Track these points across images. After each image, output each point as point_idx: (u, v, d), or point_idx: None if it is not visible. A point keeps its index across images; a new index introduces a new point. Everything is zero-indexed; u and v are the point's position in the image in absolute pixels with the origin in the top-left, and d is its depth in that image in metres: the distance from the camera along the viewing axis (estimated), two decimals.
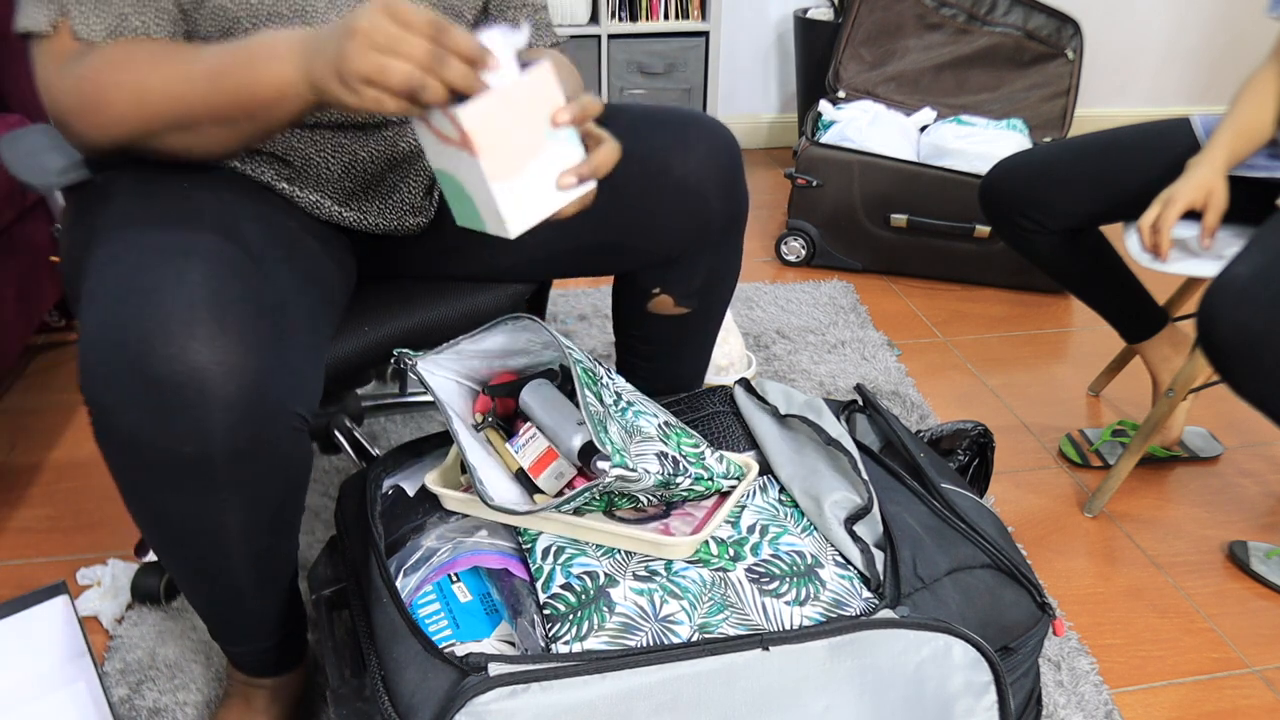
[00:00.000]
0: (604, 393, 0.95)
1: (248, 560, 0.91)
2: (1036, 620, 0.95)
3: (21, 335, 1.67)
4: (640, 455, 0.91)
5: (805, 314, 2.20)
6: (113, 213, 0.91)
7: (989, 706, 0.89)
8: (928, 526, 0.96)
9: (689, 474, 0.94)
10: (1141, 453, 1.54)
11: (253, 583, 0.94)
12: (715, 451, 0.99)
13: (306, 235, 1.02)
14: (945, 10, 2.61)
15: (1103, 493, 1.57)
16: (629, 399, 0.99)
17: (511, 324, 0.98)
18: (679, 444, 0.96)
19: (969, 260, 2.37)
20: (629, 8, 2.89)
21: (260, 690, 1.11)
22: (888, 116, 2.48)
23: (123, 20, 0.89)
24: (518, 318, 0.98)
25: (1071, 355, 2.10)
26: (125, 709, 1.20)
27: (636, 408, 0.98)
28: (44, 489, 1.61)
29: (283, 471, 0.86)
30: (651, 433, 0.95)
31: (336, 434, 1.48)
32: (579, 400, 0.89)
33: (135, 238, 0.84)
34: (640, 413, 0.98)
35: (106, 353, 0.77)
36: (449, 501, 0.97)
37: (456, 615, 0.86)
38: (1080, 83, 2.70)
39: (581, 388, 0.90)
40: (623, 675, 0.79)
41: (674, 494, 0.94)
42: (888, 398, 1.88)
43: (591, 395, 0.91)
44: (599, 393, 0.93)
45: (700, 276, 1.15)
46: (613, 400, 0.96)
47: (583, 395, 0.89)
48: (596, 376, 0.96)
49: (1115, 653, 1.33)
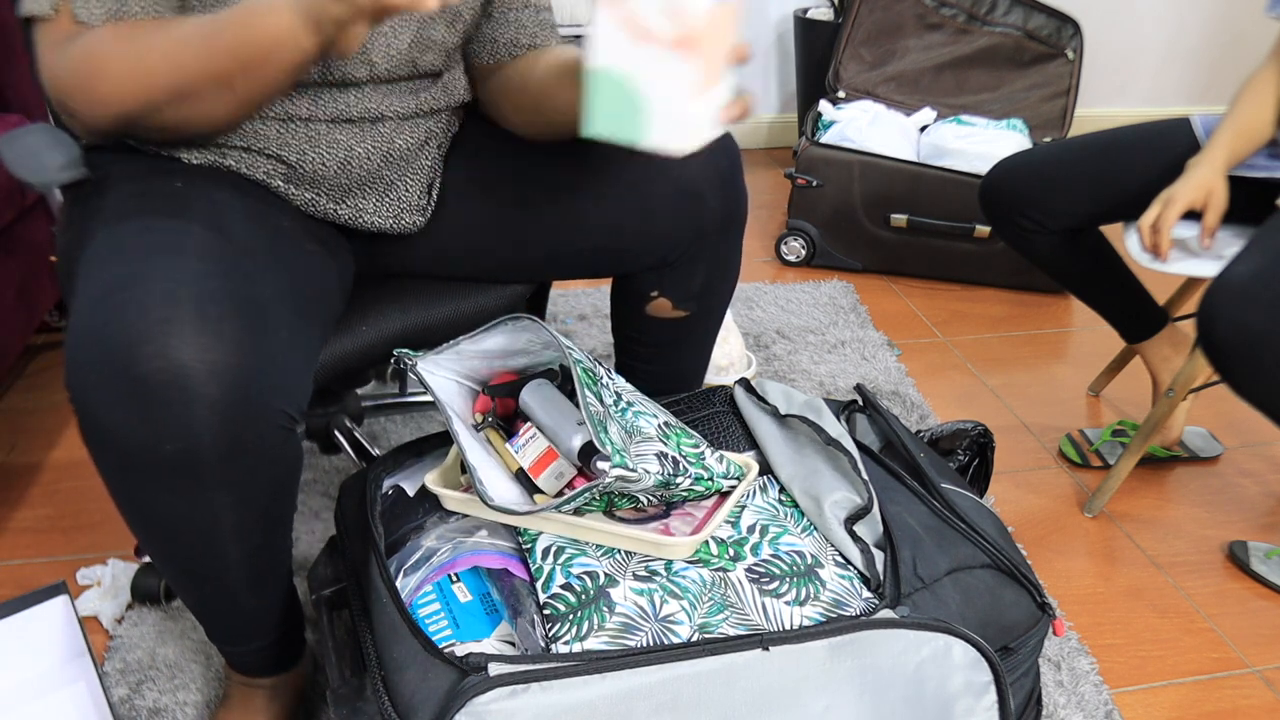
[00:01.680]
0: (604, 393, 0.95)
1: (240, 559, 0.91)
2: (1036, 620, 0.95)
3: (21, 335, 1.67)
4: (640, 455, 0.91)
5: (805, 314, 2.20)
6: (105, 212, 0.91)
7: (989, 706, 0.89)
8: (928, 526, 0.96)
9: (689, 474, 0.94)
10: (1141, 453, 1.54)
11: (246, 581, 0.94)
12: (715, 451, 0.99)
13: (302, 235, 1.02)
14: (945, 10, 2.61)
15: (1103, 493, 1.57)
16: (629, 399, 0.99)
17: (511, 324, 0.98)
18: (679, 444, 0.96)
19: (969, 260, 2.37)
20: None
21: (259, 690, 1.11)
22: (888, 116, 2.48)
23: (122, 4, 0.89)
24: (518, 318, 0.98)
25: (1071, 355, 2.10)
26: (125, 709, 1.20)
27: (636, 408, 0.98)
28: (44, 489, 1.61)
29: (271, 470, 0.86)
30: (651, 433, 0.95)
31: (336, 434, 1.48)
32: (579, 400, 0.89)
33: (125, 237, 0.85)
34: (640, 413, 0.98)
35: (91, 351, 0.77)
36: (449, 501, 0.97)
37: (456, 615, 0.86)
38: (1080, 83, 2.70)
39: (581, 388, 0.90)
40: (623, 675, 0.79)
41: (674, 494, 0.94)
42: (888, 398, 1.88)
43: (591, 395, 0.91)
44: (599, 393, 0.93)
45: (699, 279, 1.15)
46: (612, 400, 0.96)
47: (582, 395, 0.89)
48: (596, 376, 0.96)
49: (1115, 653, 1.33)
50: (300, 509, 1.55)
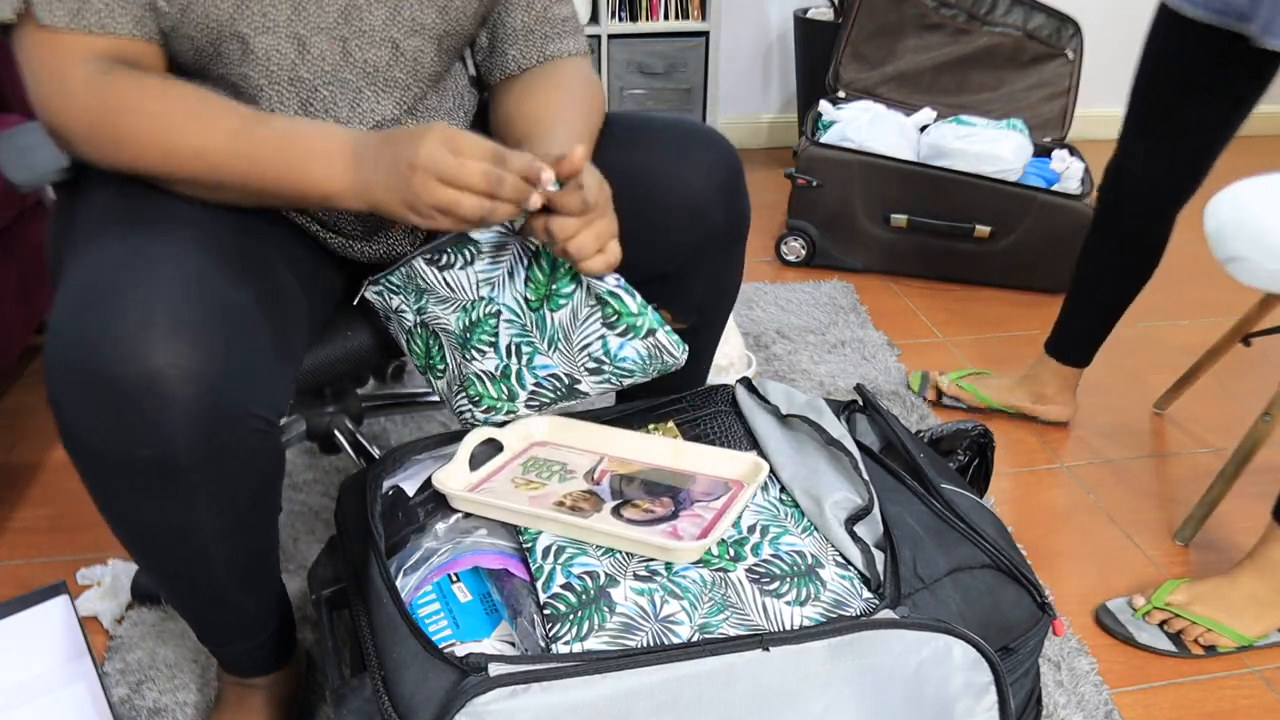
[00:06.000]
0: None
1: (225, 560, 0.91)
2: (1036, 620, 0.95)
3: (21, 335, 1.67)
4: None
5: (805, 314, 2.20)
6: (92, 215, 0.91)
7: (989, 707, 0.89)
8: (928, 527, 0.96)
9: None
10: (1234, 481, 1.51)
11: (232, 582, 0.94)
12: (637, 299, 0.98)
13: (291, 242, 1.02)
14: (945, 10, 2.61)
15: (1192, 520, 1.54)
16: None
17: None
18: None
19: (969, 260, 2.37)
20: (629, 8, 2.89)
21: (254, 690, 1.11)
22: (888, 116, 2.48)
23: (84, 3, 0.87)
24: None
25: None
26: (125, 709, 1.20)
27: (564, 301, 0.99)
28: (44, 489, 1.61)
29: (250, 473, 0.86)
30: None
31: (336, 434, 1.48)
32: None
33: (107, 241, 0.84)
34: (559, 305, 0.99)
35: (67, 354, 0.77)
36: (453, 500, 0.97)
37: (456, 615, 0.86)
38: (1080, 83, 2.70)
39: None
40: (623, 675, 0.79)
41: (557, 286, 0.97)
42: (888, 398, 1.88)
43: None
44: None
45: (701, 292, 1.13)
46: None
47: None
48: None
49: (1115, 653, 1.33)
50: (300, 509, 1.55)
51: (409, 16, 0.99)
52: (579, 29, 1.13)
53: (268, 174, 0.87)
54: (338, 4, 0.94)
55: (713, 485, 1.00)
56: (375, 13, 0.97)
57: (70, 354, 0.77)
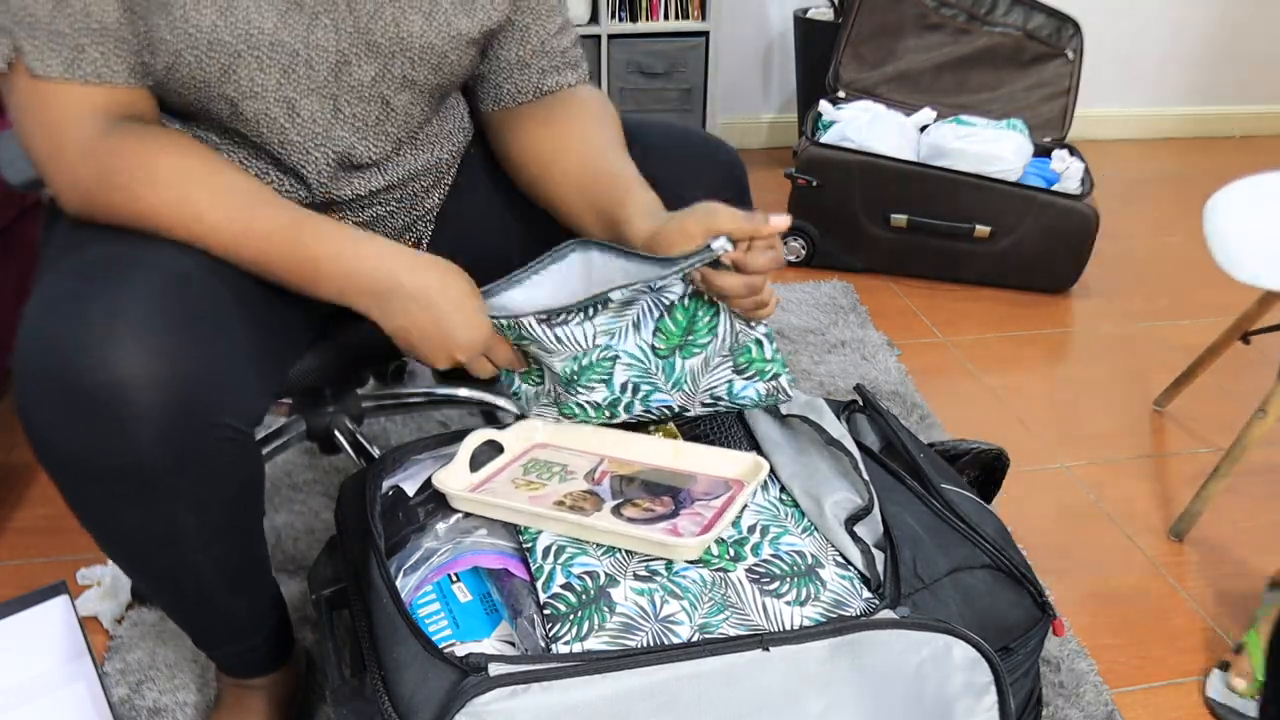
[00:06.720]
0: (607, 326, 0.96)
1: (210, 564, 0.91)
2: (1036, 620, 0.95)
3: None
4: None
5: (805, 314, 2.20)
6: (76, 222, 0.91)
7: (989, 707, 0.89)
8: (928, 527, 0.96)
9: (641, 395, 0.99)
10: (1228, 477, 1.51)
11: (220, 587, 0.94)
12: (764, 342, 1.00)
13: None
14: (945, 10, 2.61)
15: (1189, 516, 1.54)
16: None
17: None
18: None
19: (969, 260, 2.37)
20: (629, 8, 2.89)
21: (253, 691, 1.11)
22: (888, 116, 2.48)
23: (79, 53, 0.84)
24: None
25: (1071, 355, 2.10)
26: (125, 709, 1.20)
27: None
28: (44, 489, 1.61)
29: (226, 480, 0.85)
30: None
31: (336, 434, 1.48)
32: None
33: (85, 249, 0.84)
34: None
35: (35, 362, 0.77)
36: (453, 500, 0.97)
37: (456, 615, 0.86)
38: (1080, 83, 2.70)
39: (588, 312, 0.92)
40: (623, 675, 0.79)
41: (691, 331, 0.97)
42: (888, 398, 1.88)
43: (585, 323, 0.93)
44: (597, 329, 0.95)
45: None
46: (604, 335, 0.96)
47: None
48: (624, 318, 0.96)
49: (1115, 653, 1.33)
50: (300, 509, 1.55)
51: (399, 74, 0.96)
52: (579, 75, 1.11)
53: (288, 268, 0.89)
54: (327, 64, 0.92)
55: (713, 485, 1.00)
56: (365, 69, 0.94)
57: (38, 363, 0.76)
